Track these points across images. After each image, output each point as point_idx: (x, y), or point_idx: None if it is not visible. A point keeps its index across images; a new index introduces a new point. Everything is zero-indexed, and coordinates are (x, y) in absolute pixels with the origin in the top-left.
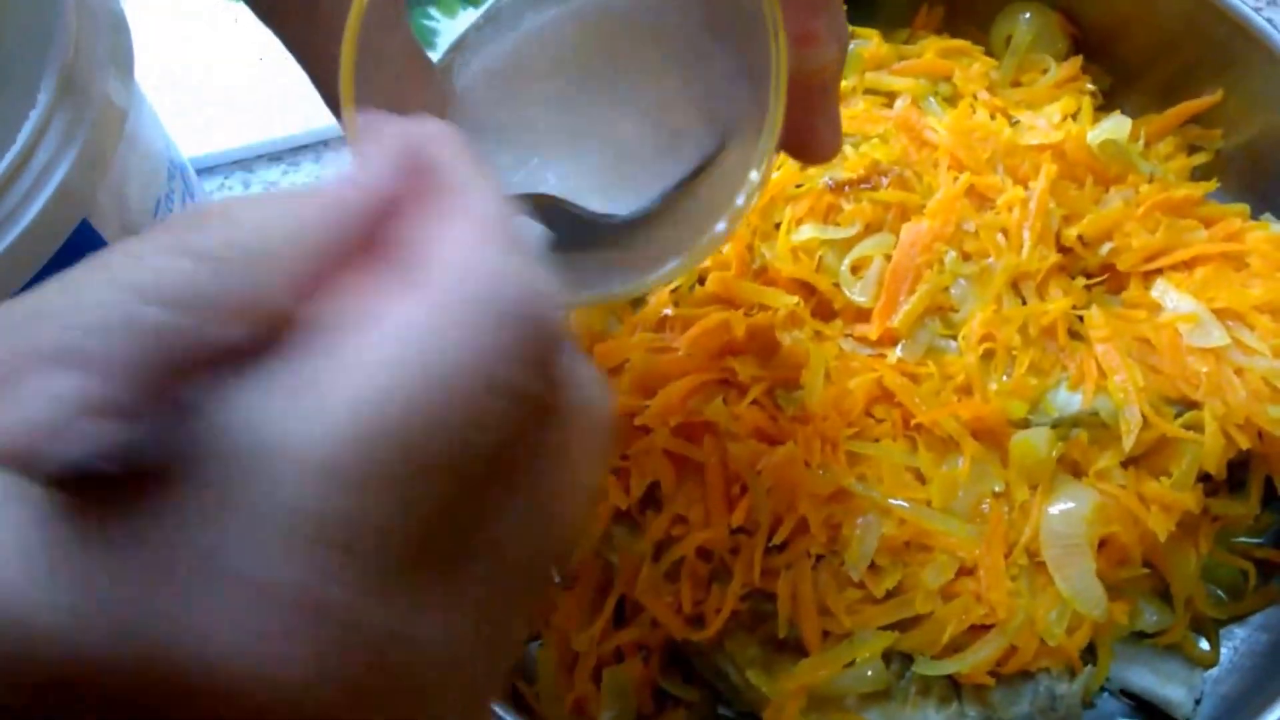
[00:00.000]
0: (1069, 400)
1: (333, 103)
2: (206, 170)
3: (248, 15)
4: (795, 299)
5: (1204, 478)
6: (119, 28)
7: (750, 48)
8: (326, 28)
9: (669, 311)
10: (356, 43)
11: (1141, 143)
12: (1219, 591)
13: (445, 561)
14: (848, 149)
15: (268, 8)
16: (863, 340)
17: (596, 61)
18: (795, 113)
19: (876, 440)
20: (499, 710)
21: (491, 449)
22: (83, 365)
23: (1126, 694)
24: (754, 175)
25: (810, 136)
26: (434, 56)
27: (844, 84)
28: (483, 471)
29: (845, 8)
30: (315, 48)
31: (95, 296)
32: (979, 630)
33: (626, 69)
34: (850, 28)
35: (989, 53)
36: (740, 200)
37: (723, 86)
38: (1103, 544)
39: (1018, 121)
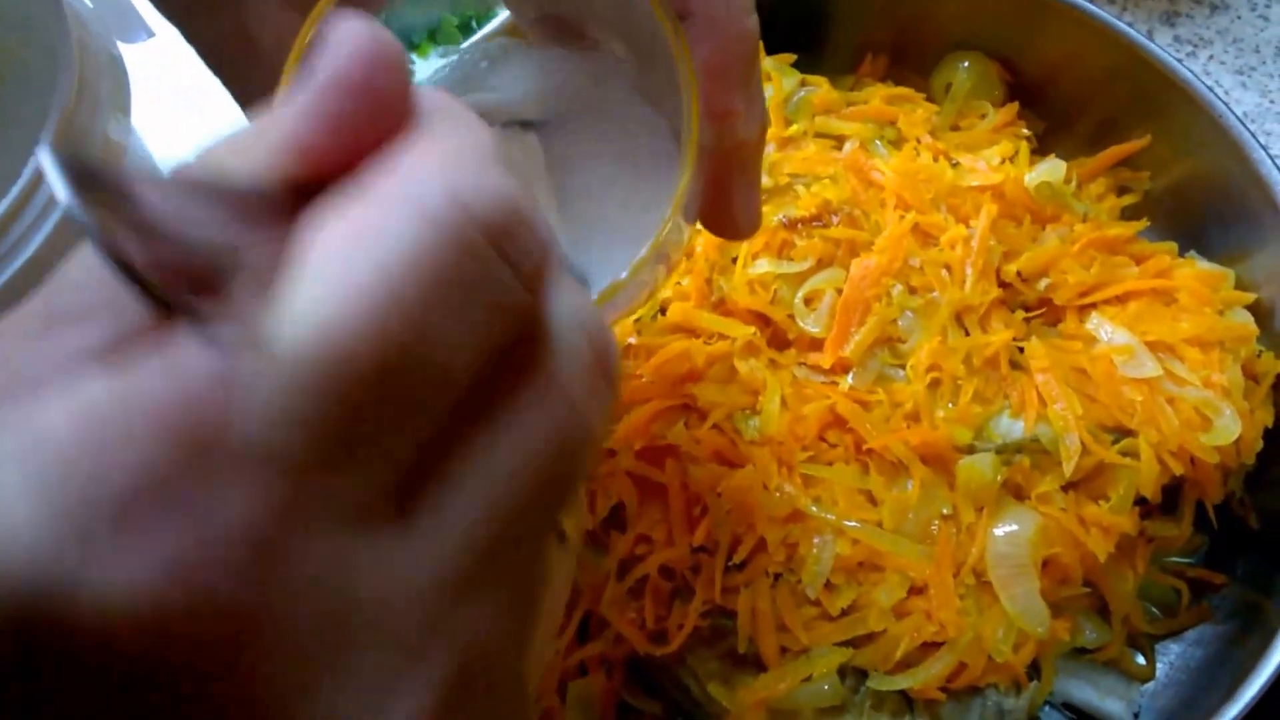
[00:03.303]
0: (1011, 427)
1: None
2: None
3: None
4: (752, 329)
5: (1139, 501)
6: (118, 69)
7: (680, 123)
8: (267, 70)
9: (633, 340)
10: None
11: (1075, 184)
12: (1154, 609)
13: (411, 499)
14: (799, 188)
15: (208, 48)
16: (816, 369)
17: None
18: (714, 189)
19: (830, 464)
20: None
21: (456, 362)
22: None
23: (1068, 707)
24: (659, 232)
25: (727, 213)
26: None
27: (795, 127)
28: (449, 391)
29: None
30: (252, 91)
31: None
32: (930, 647)
33: (571, 169)
34: (800, 75)
35: (930, 99)
36: (640, 253)
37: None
38: (1046, 564)
39: (958, 164)
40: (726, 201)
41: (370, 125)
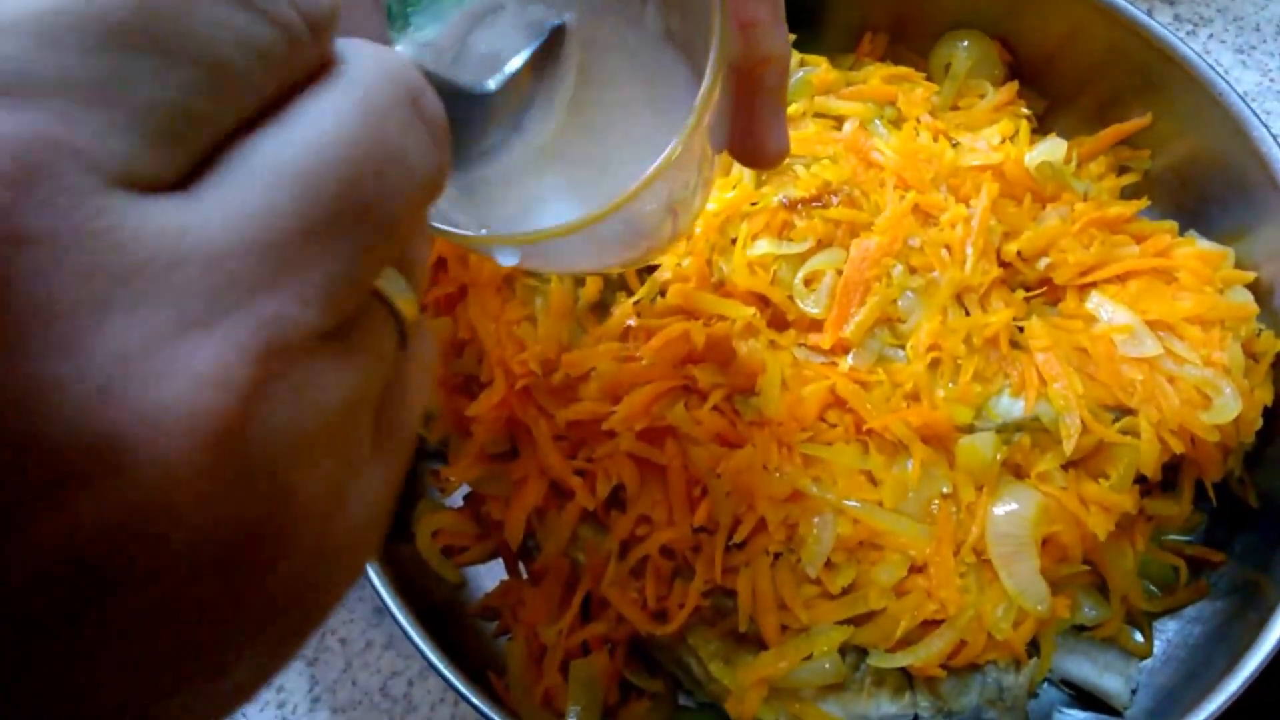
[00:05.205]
0: (1011, 406)
1: None
2: None
3: None
4: (752, 310)
5: (1139, 479)
6: None
7: (701, 44)
8: None
9: (632, 322)
10: None
11: (1075, 163)
12: (1153, 587)
13: (195, 178)
14: (799, 169)
15: None
16: (816, 349)
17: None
18: (740, 112)
19: (830, 444)
20: (475, 700)
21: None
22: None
23: (1067, 684)
24: (689, 120)
25: (754, 138)
26: None
27: (794, 107)
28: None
29: (792, 36)
30: None
31: None
32: (930, 625)
33: (592, 83)
34: (799, 54)
35: (930, 78)
36: (668, 152)
37: (681, 95)
38: (1045, 542)
39: (959, 143)
40: (753, 124)
41: None
